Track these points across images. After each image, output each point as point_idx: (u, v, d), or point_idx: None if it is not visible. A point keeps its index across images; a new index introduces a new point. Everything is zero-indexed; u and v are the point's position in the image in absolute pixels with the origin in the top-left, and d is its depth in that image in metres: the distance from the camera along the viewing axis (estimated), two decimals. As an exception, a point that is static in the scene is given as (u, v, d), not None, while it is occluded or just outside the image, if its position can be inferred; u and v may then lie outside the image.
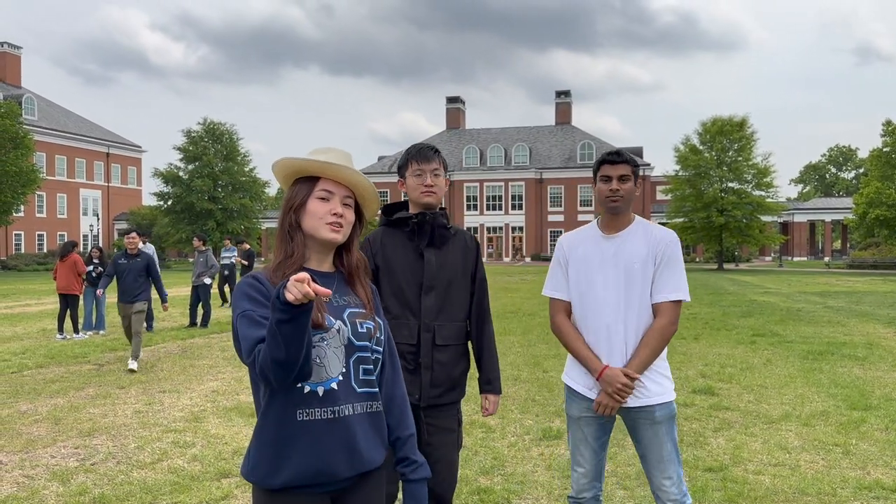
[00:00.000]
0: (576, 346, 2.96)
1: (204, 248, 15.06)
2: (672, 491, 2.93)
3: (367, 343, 2.00)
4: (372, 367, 2.02)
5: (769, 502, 4.39)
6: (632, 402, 2.89)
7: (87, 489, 4.67)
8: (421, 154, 3.00)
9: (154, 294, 12.12)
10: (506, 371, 9.00)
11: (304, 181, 2.05)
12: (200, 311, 14.83)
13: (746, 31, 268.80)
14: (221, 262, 17.49)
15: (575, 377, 3.02)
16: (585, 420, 3.00)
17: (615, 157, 2.96)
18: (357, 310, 2.02)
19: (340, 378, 1.92)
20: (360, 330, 1.98)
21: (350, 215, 2.05)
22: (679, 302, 2.93)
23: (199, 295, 14.70)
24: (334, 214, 2.00)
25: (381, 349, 2.06)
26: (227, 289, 17.89)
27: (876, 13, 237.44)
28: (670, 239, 2.98)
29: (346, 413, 1.91)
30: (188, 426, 6.32)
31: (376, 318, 2.08)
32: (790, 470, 5.01)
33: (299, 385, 1.88)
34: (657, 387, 2.93)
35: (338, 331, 1.94)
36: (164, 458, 5.35)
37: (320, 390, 1.89)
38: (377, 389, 2.03)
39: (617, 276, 2.92)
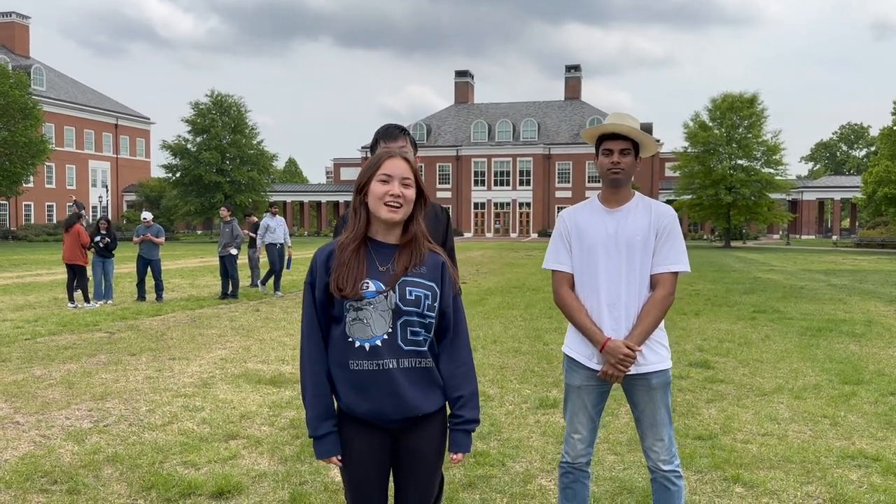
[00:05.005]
0: (579, 319, 3.06)
1: (230, 219, 15.22)
2: (662, 452, 3.09)
3: (416, 309, 2.26)
4: (420, 329, 2.29)
5: (754, 468, 4.57)
6: (630, 369, 3.03)
7: (100, 448, 4.88)
8: (388, 133, 3.16)
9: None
10: (507, 343, 9.19)
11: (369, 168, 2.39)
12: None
13: (762, 5, 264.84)
14: None
15: (575, 347, 3.14)
16: (586, 389, 3.12)
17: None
18: (410, 278, 2.29)
19: (385, 337, 2.25)
20: (408, 297, 2.26)
21: (410, 193, 2.33)
22: (677, 273, 3.07)
23: (226, 265, 14.82)
24: (392, 196, 2.29)
25: (432, 315, 2.31)
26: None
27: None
28: (670, 213, 3.10)
29: (391, 366, 2.24)
30: (197, 391, 6.53)
31: (436, 286, 2.32)
32: (777, 439, 5.18)
33: (350, 339, 2.26)
34: (654, 355, 3.06)
35: (386, 297, 2.25)
36: (175, 421, 5.56)
37: (367, 346, 2.24)
38: (425, 348, 2.31)
39: (619, 249, 3.04)
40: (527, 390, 6.64)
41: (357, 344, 2.25)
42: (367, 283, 2.26)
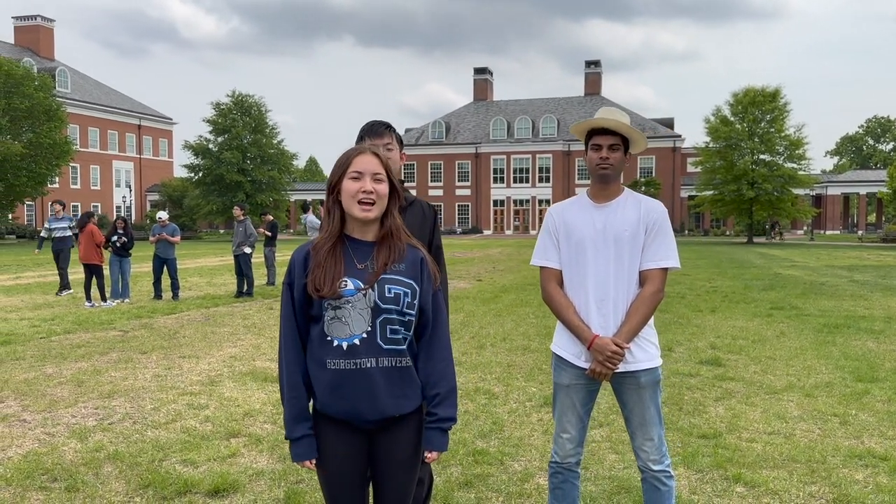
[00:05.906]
0: (567, 316, 3.03)
1: (243, 218, 15.32)
2: (652, 451, 3.04)
3: (395, 307, 2.24)
4: (399, 327, 2.26)
5: (757, 468, 4.48)
6: (619, 367, 2.98)
7: (103, 446, 4.92)
8: (373, 130, 3.14)
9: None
10: (517, 341, 9.14)
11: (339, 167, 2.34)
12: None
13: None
14: (54, 236, 15.25)
15: (564, 346, 3.10)
16: (575, 387, 3.08)
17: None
18: (389, 276, 2.26)
19: (364, 335, 2.22)
20: (387, 295, 2.23)
21: (383, 189, 2.29)
22: (667, 270, 3.02)
23: (241, 264, 14.91)
24: (364, 192, 2.25)
25: (412, 312, 2.27)
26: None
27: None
28: (660, 209, 3.05)
29: (369, 365, 2.21)
30: (203, 389, 6.57)
31: (415, 284, 2.29)
32: (784, 438, 5.09)
33: (328, 338, 2.22)
34: (643, 353, 3.01)
35: (364, 294, 2.22)
36: (178, 419, 5.59)
37: (345, 345, 2.21)
38: (404, 347, 2.27)
39: (607, 245, 2.99)
40: (532, 388, 6.59)
41: (335, 343, 2.22)
42: (346, 281, 2.23)
